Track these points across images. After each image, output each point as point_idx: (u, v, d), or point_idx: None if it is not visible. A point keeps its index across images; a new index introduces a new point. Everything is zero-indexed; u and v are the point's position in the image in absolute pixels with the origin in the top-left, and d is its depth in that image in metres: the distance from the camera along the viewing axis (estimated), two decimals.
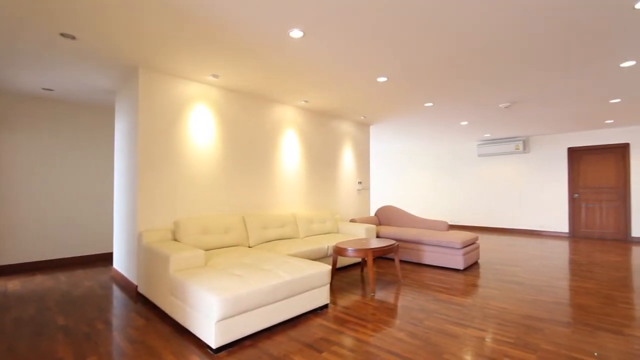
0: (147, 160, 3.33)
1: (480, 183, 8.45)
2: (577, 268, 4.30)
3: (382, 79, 3.67)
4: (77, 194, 4.64)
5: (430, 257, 4.42)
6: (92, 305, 3.00)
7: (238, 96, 4.15)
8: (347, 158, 5.84)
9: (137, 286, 3.29)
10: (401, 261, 4.72)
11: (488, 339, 2.29)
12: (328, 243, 4.03)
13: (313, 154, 5.17)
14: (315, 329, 2.47)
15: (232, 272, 2.56)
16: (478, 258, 4.68)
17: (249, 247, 3.79)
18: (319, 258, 3.91)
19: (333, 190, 5.51)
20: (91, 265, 4.51)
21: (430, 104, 4.75)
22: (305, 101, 4.59)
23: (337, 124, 5.64)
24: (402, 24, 2.44)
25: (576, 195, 7.10)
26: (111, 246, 4.92)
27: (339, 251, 3.46)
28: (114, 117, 4.99)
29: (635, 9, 2.23)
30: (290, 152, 4.80)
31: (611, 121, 5.97)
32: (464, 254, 4.18)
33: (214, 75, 3.53)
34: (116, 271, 3.91)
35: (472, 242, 4.47)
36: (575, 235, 7.09)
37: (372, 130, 6.83)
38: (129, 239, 3.51)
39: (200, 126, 3.76)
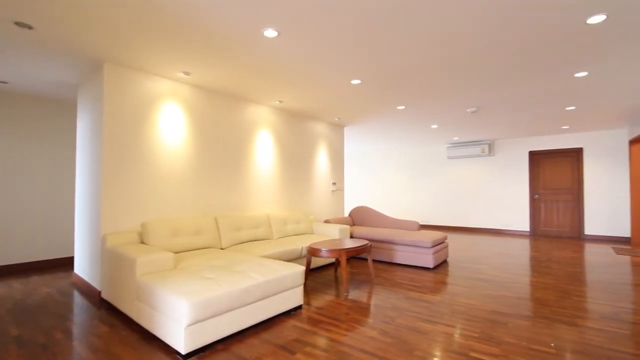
0: (113, 159, 3.18)
1: (449, 184, 8.77)
2: (537, 264, 4.57)
3: (356, 82, 3.72)
4: (34, 194, 4.33)
5: (402, 256, 4.53)
6: (49, 313, 2.81)
7: (210, 94, 4.05)
8: (322, 159, 5.87)
9: (100, 292, 3.12)
10: (374, 261, 4.81)
11: (455, 335, 2.38)
12: (302, 244, 4.02)
13: (287, 154, 5.15)
14: (289, 330, 2.46)
15: (203, 274, 2.49)
16: (447, 256, 4.86)
17: (222, 249, 3.70)
18: (293, 259, 3.90)
19: (307, 191, 5.52)
20: (49, 271, 4.22)
21: (403, 107, 4.88)
22: (280, 101, 4.56)
23: (311, 125, 5.65)
24: (376, 29, 2.49)
25: (536, 196, 7.54)
26: (72, 250, 4.63)
27: (312, 252, 3.47)
28: (76, 112, 4.71)
29: (587, 24, 2.41)
30: (264, 152, 4.75)
31: (567, 127, 6.40)
32: (434, 253, 4.32)
33: (185, 73, 3.43)
34: (77, 276, 3.69)
35: (442, 242, 4.63)
36: (535, 233, 7.53)
37: (347, 131, 6.91)
38: (92, 242, 3.33)
39: (170, 124, 3.63)
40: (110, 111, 3.17)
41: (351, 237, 5.03)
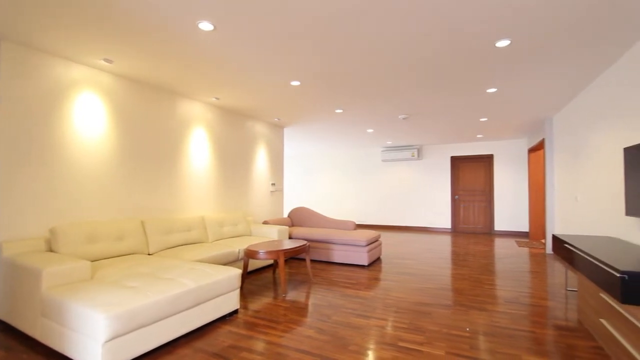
0: (12, 155, 2.72)
1: (383, 185, 9.31)
2: (456, 258, 5.09)
3: (295, 83, 3.74)
4: None
5: (338, 255, 4.67)
6: None
7: (137, 86, 3.71)
8: (261, 159, 5.77)
9: None
10: (312, 261, 4.87)
11: (387, 327, 2.53)
12: (239, 246, 3.91)
13: (225, 154, 4.96)
14: (224, 337, 2.36)
15: (125, 284, 2.27)
16: (381, 254, 5.14)
17: (149, 254, 3.41)
18: (230, 262, 3.76)
19: (246, 192, 5.37)
20: None
21: (341, 111, 5.04)
22: (217, 98, 4.37)
23: (250, 124, 5.52)
24: (315, 34, 2.53)
25: (457, 196, 8.41)
26: None
27: (250, 254, 3.39)
28: None
29: (496, 46, 2.77)
30: (199, 151, 4.50)
31: (481, 136, 7.26)
32: (368, 251, 4.55)
33: (106, 60, 3.08)
34: None
35: (376, 240, 4.89)
36: (456, 230, 8.39)
37: (287, 132, 6.90)
38: None
39: (88, 117, 3.23)
40: (10, 98, 2.71)
41: (290, 237, 5.04)
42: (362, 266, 4.52)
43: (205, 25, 2.44)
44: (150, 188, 3.82)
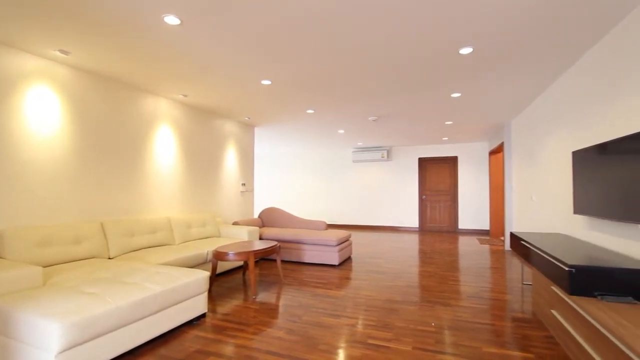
0: None
1: (354, 186, 9.45)
2: (423, 256, 5.27)
3: (266, 82, 3.70)
4: None
5: (309, 255, 4.68)
6: None
7: (97, 80, 3.50)
8: (231, 159, 5.65)
9: None
10: (283, 261, 4.85)
11: (356, 325, 2.57)
12: (208, 248, 3.80)
13: (193, 153, 4.80)
14: (190, 342, 2.29)
15: (83, 290, 2.13)
16: (351, 253, 5.21)
17: (110, 258, 3.23)
18: (198, 264, 3.65)
19: (215, 192, 5.24)
20: None
21: (312, 111, 5.06)
22: (184, 95, 4.23)
23: (220, 123, 5.39)
24: (284, 33, 2.52)
25: (424, 196, 8.71)
26: None
27: (219, 256, 3.31)
28: None
29: (460, 54, 2.90)
30: (165, 149, 4.33)
31: (446, 138, 7.58)
32: (339, 251, 4.59)
33: (62, 51, 2.88)
34: None
35: (346, 240, 4.95)
36: (423, 229, 8.69)
37: (258, 131, 6.81)
38: None
39: (41, 111, 3.00)
40: None
41: (261, 238, 4.98)
42: (333, 266, 4.55)
43: (172, 19, 2.35)
44: (112, 188, 3.62)
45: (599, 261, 2.00)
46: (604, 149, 2.38)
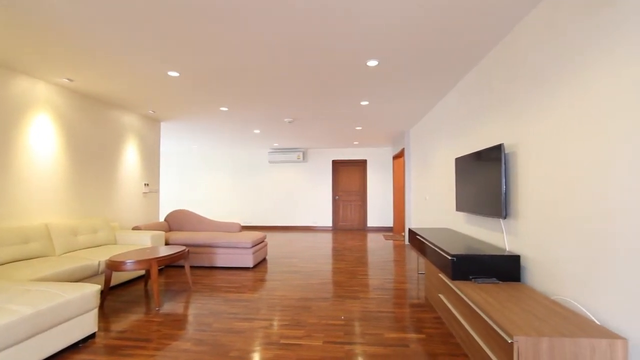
0: None
1: (270, 187, 9.39)
2: (335, 253, 5.55)
3: (173, 74, 3.41)
4: None
5: (222, 259, 4.48)
6: None
7: None
8: (131, 156, 5.04)
9: None
10: (194, 267, 4.53)
11: (269, 327, 2.56)
12: (100, 257, 3.32)
13: (81, 148, 4.12)
14: None
15: None
16: (266, 254, 5.17)
17: None
18: (88, 277, 3.15)
19: (111, 194, 4.59)
20: None
21: (226, 109, 4.86)
22: (69, 79, 3.60)
23: (117, 115, 4.76)
24: (197, 23, 2.37)
25: (337, 197, 9.17)
26: None
27: (113, 265, 2.92)
28: None
29: (366, 65, 3.16)
30: (42, 143, 3.62)
31: (357, 143, 8.13)
32: (254, 252, 4.51)
33: None
34: None
35: (261, 241, 4.89)
36: (336, 228, 9.14)
37: (165, 127, 6.22)
38: None
39: None
40: None
41: (167, 244, 4.56)
42: (248, 268, 4.45)
43: None
44: None
45: (472, 250, 2.40)
46: (474, 157, 2.88)
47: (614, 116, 1.50)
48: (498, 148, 2.44)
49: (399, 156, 7.72)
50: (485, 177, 2.68)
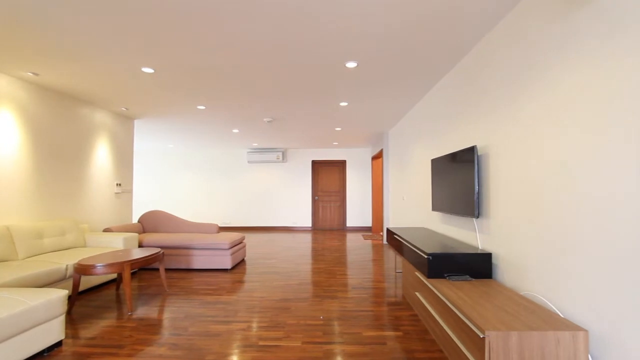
0: None
1: (249, 187, 9.28)
2: (315, 253, 5.56)
3: (148, 70, 3.31)
4: None
5: (199, 261, 4.38)
6: None
7: None
8: (102, 155, 4.83)
9: None
10: (170, 269, 4.40)
11: (248, 329, 2.53)
12: (68, 261, 3.16)
13: (47, 146, 3.91)
14: None
15: None
16: (245, 255, 5.10)
17: None
18: (55, 282, 2.99)
19: (80, 194, 4.38)
20: None
21: (203, 107, 4.76)
22: (35, 73, 3.41)
23: (87, 112, 4.55)
24: (169, 14, 2.31)
25: (316, 197, 9.19)
26: None
27: (83, 269, 2.79)
28: None
29: (345, 67, 3.18)
30: (3, 140, 3.40)
31: (336, 143, 8.18)
32: (232, 254, 4.44)
33: None
34: None
35: (240, 242, 4.82)
36: (316, 228, 9.15)
37: (139, 125, 6.01)
38: None
39: None
40: None
41: (141, 246, 4.41)
42: (226, 270, 4.37)
43: None
44: None
45: (447, 248, 2.47)
46: (449, 158, 2.96)
47: (574, 119, 1.59)
48: (471, 150, 2.53)
49: (377, 157, 7.83)
50: (459, 177, 2.77)
